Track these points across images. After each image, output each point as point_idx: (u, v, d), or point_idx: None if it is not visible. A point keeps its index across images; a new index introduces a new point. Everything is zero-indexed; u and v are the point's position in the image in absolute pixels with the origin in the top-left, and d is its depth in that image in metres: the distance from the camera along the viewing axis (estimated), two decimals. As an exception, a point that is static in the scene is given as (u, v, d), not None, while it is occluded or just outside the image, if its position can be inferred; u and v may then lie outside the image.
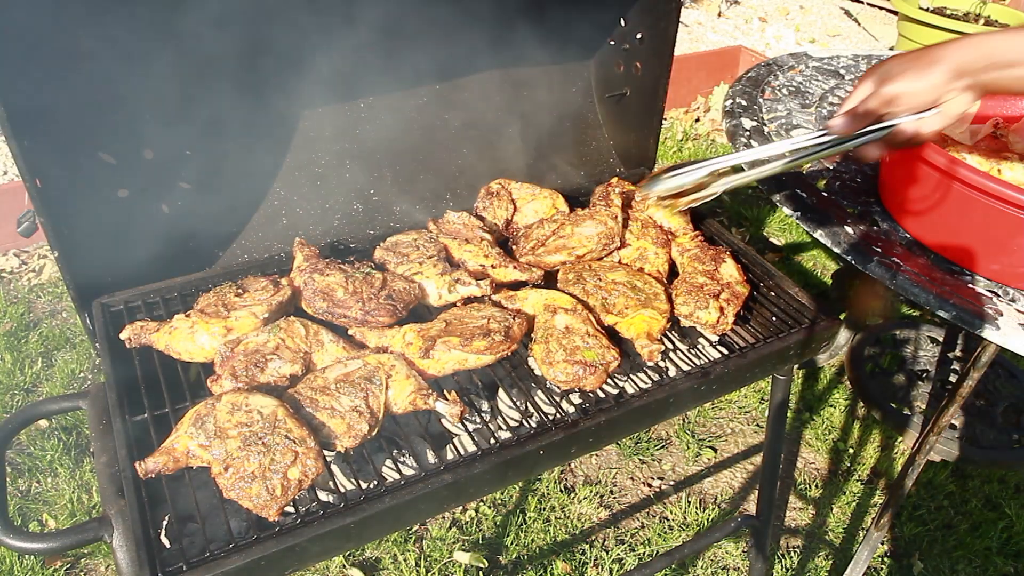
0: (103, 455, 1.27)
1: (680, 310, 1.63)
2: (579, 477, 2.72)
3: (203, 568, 1.06)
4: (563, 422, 1.34)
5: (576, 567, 2.41)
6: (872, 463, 2.86)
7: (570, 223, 1.75)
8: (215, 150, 1.71)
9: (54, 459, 2.58)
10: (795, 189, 1.78)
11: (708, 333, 1.71)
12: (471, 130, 2.06)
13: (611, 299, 1.57)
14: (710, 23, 6.54)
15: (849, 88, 2.37)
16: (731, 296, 1.63)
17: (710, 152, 4.81)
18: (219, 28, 1.53)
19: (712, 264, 1.70)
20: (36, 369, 2.95)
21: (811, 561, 2.49)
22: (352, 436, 1.25)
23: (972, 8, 5.50)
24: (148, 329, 1.43)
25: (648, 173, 2.17)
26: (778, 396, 1.79)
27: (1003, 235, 1.41)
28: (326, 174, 1.88)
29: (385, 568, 2.34)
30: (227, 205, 1.75)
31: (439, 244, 1.71)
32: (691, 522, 2.58)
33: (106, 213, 1.59)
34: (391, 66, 1.87)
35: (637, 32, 2.01)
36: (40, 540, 1.18)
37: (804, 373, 3.23)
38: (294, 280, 1.55)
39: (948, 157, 1.41)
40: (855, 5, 7.34)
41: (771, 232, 4.19)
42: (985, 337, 1.39)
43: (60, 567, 2.26)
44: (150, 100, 1.60)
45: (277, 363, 1.34)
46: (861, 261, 1.56)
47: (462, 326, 1.45)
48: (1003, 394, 3.01)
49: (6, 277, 3.45)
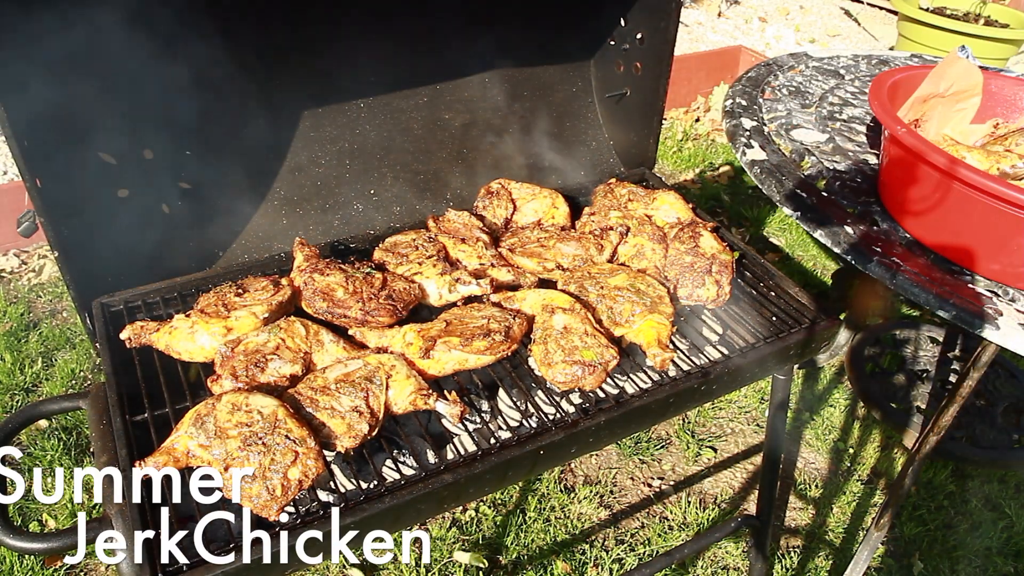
0: (103, 455, 1.27)
1: (678, 293, 1.63)
2: (579, 477, 2.72)
3: (203, 568, 1.06)
4: (563, 422, 1.34)
5: (576, 567, 2.41)
6: (872, 463, 2.85)
7: (556, 238, 1.76)
8: (215, 150, 1.71)
9: (54, 459, 2.58)
10: (795, 189, 1.78)
11: (710, 306, 1.70)
12: (471, 130, 2.06)
13: (616, 307, 1.57)
14: (710, 23, 6.54)
15: (849, 88, 2.37)
16: (721, 267, 1.66)
17: (710, 152, 4.81)
18: (219, 28, 1.54)
19: (692, 241, 1.72)
20: (36, 369, 2.94)
21: (811, 561, 2.49)
22: (352, 436, 1.25)
23: (972, 8, 5.50)
24: (148, 329, 1.43)
25: (647, 172, 2.17)
26: (778, 396, 1.79)
27: (1003, 235, 1.41)
28: (326, 174, 1.88)
29: (385, 568, 2.34)
30: (227, 205, 1.75)
31: (438, 244, 1.71)
32: (691, 522, 2.58)
33: (106, 213, 1.59)
34: (391, 66, 1.87)
35: (637, 32, 2.01)
36: (40, 540, 1.18)
37: (804, 373, 3.23)
38: (294, 280, 1.55)
39: (948, 157, 1.41)
40: (855, 5, 7.34)
41: (771, 232, 4.19)
42: (985, 337, 1.39)
43: (60, 567, 2.26)
44: (150, 100, 1.60)
45: (277, 363, 1.34)
46: (861, 261, 1.56)
47: (462, 326, 1.45)
48: (1003, 394, 3.01)
49: (6, 277, 3.45)
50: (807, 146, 2.00)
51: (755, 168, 1.89)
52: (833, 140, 2.05)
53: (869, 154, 2.00)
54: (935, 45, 5.15)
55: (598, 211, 1.89)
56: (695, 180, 4.57)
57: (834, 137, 2.06)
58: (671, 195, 1.93)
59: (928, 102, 1.74)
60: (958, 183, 1.41)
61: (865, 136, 2.09)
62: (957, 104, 1.77)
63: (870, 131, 2.12)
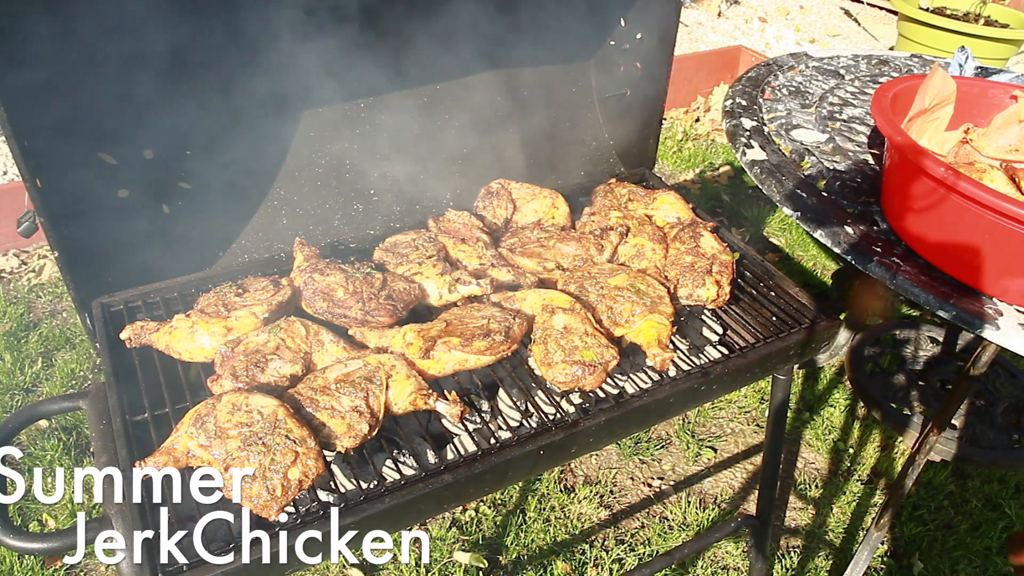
0: (103, 455, 1.27)
1: (678, 292, 1.63)
2: (579, 477, 2.72)
3: (202, 568, 1.06)
4: (563, 422, 1.34)
5: (576, 567, 2.41)
6: (872, 463, 2.85)
7: (556, 238, 1.76)
8: (215, 150, 1.71)
9: (54, 459, 2.58)
10: (795, 189, 1.78)
11: (710, 307, 1.70)
12: (471, 130, 2.06)
13: (616, 307, 1.57)
14: (710, 23, 6.54)
15: (849, 88, 2.37)
16: (721, 267, 1.66)
17: (710, 152, 4.81)
18: (219, 29, 1.53)
19: (692, 241, 1.72)
20: (36, 369, 2.94)
21: (811, 561, 2.49)
22: (352, 436, 1.25)
23: (972, 8, 5.50)
24: (148, 329, 1.43)
25: (647, 172, 2.17)
26: (778, 396, 1.79)
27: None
28: (326, 174, 1.88)
29: (385, 568, 2.34)
30: (227, 205, 1.75)
31: (438, 244, 1.71)
32: (691, 522, 2.58)
33: (106, 213, 1.59)
34: (391, 66, 1.87)
35: (637, 32, 2.01)
36: (40, 540, 1.18)
37: (804, 373, 3.23)
38: (294, 280, 1.55)
39: (963, 182, 1.37)
40: (855, 5, 7.34)
41: (771, 232, 4.19)
42: (985, 337, 1.39)
43: (60, 567, 2.26)
44: (150, 100, 1.60)
45: (277, 363, 1.34)
46: (861, 261, 1.56)
47: (462, 326, 1.45)
48: (1003, 394, 3.01)
49: (6, 277, 3.45)
50: (807, 146, 2.00)
51: (755, 168, 1.89)
52: (833, 140, 2.05)
53: (869, 154, 2.00)
54: (935, 45, 5.15)
55: (598, 211, 1.89)
56: (695, 180, 4.57)
57: (834, 137, 2.06)
58: (671, 195, 1.93)
59: (915, 120, 1.76)
60: (979, 215, 1.37)
61: (865, 136, 2.09)
62: (932, 114, 1.79)
63: (870, 131, 2.12)
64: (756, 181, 1.88)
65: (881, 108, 1.62)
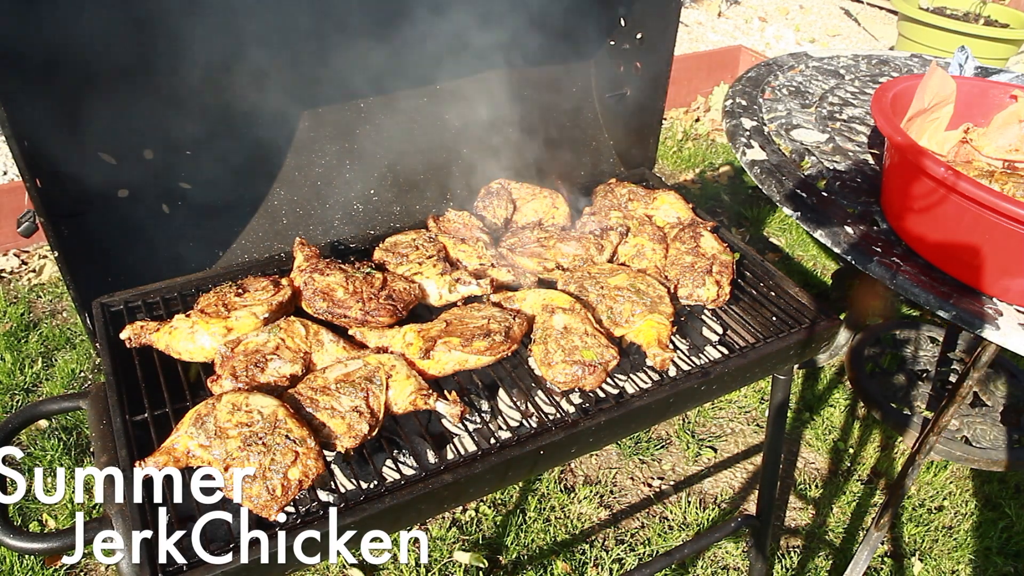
0: (103, 455, 1.27)
1: (678, 293, 1.63)
2: (579, 477, 2.72)
3: (202, 568, 1.06)
4: (563, 422, 1.34)
5: (576, 567, 2.41)
6: (872, 463, 2.85)
7: (556, 238, 1.76)
8: (215, 150, 1.71)
9: (54, 459, 2.58)
10: (795, 189, 1.78)
11: (710, 307, 1.70)
12: (471, 130, 2.06)
13: (616, 307, 1.57)
14: (710, 23, 6.54)
15: (849, 88, 2.37)
16: (721, 268, 1.67)
17: (710, 152, 4.81)
18: (219, 29, 1.53)
19: (692, 241, 1.72)
20: (36, 369, 2.94)
21: (811, 561, 2.49)
22: (352, 436, 1.25)
23: (972, 8, 5.50)
24: (148, 329, 1.43)
25: (647, 172, 2.17)
26: (778, 396, 1.79)
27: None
28: (326, 174, 1.88)
29: (385, 568, 2.34)
30: (227, 205, 1.75)
31: (438, 244, 1.71)
32: (691, 522, 2.58)
33: (106, 213, 1.59)
34: (391, 66, 1.87)
35: (637, 32, 2.01)
36: (40, 540, 1.18)
37: (804, 373, 3.23)
38: (294, 280, 1.55)
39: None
40: (855, 5, 7.35)
41: (771, 232, 4.19)
42: (985, 337, 1.38)
43: (60, 567, 2.26)
44: (150, 100, 1.60)
45: (277, 363, 1.34)
46: (861, 261, 1.56)
47: (462, 326, 1.45)
48: (1003, 394, 3.01)
49: (6, 277, 3.45)
50: (807, 146, 2.00)
51: (755, 168, 1.89)
52: (833, 140, 2.05)
53: (869, 154, 2.00)
54: (935, 45, 5.15)
55: (598, 211, 1.89)
56: (695, 180, 4.57)
57: (834, 137, 2.06)
58: (671, 195, 1.93)
59: (914, 120, 1.76)
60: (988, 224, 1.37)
61: (865, 136, 2.09)
62: (932, 114, 1.79)
63: (870, 131, 2.12)
64: (756, 181, 1.88)
65: (881, 108, 1.62)
